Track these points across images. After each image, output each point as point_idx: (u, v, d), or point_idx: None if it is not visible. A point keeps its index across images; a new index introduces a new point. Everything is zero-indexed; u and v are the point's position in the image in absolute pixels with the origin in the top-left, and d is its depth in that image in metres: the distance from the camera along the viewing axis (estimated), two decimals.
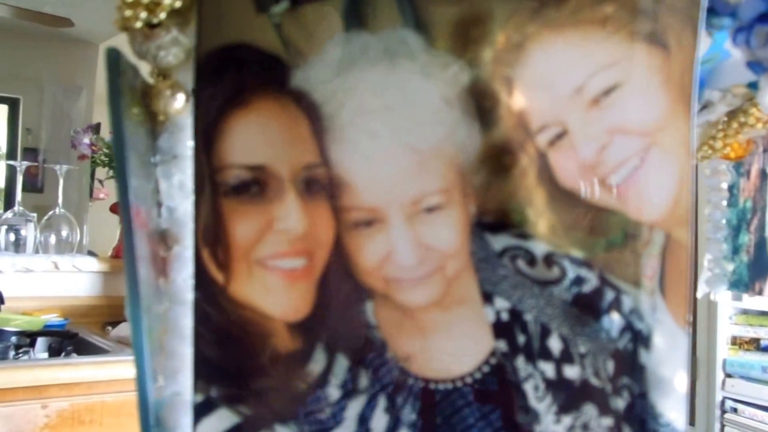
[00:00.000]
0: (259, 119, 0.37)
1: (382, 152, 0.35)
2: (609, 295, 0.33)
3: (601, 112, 0.33)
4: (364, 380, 0.36)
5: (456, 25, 0.35)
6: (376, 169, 0.36)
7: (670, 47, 0.32)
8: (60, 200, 2.28)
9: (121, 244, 0.40)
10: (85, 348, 1.86)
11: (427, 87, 0.35)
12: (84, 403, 1.56)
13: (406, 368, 0.36)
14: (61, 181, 2.26)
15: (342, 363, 0.36)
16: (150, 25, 0.42)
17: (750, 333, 2.08)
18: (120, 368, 1.61)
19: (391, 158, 0.35)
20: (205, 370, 0.37)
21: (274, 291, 0.36)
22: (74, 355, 1.82)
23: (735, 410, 2.06)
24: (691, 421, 2.20)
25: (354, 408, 0.36)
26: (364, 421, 0.36)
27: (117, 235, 2.44)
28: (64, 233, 2.31)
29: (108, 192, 2.72)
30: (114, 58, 0.41)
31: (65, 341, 1.87)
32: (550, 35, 0.34)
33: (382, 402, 0.36)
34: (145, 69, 0.43)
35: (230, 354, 0.37)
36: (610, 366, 0.33)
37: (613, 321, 0.33)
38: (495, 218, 0.35)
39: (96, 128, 2.79)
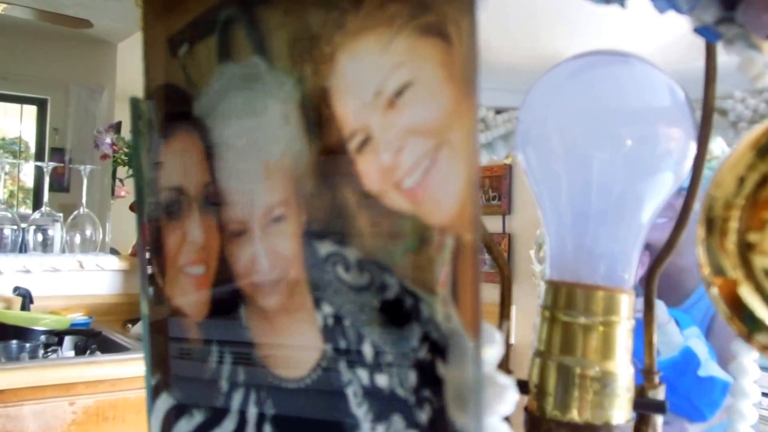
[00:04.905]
0: (177, 147, 0.43)
1: (246, 170, 0.39)
2: (408, 303, 0.32)
3: (396, 115, 0.32)
4: (241, 375, 0.40)
5: (287, 45, 0.37)
6: (243, 185, 0.39)
7: (451, 38, 0.30)
8: (84, 200, 2.32)
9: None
10: (107, 345, 1.89)
11: (271, 106, 0.38)
12: (108, 399, 1.61)
13: (266, 366, 0.39)
14: (85, 182, 2.30)
15: (228, 359, 0.40)
16: None
17: None
18: (141, 365, 1.64)
19: (251, 175, 0.39)
20: (154, 358, 0.45)
21: (188, 294, 0.43)
22: (98, 352, 1.86)
23: None
24: None
25: (236, 399, 0.40)
26: (243, 411, 0.40)
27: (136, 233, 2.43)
28: (88, 232, 2.30)
29: (128, 190, 2.69)
30: (134, 103, 0.51)
31: (90, 339, 1.90)
32: (352, 43, 0.34)
33: (253, 395, 0.39)
34: None
35: (165, 346, 0.44)
36: (412, 377, 0.32)
37: (413, 330, 0.32)
38: (320, 226, 0.35)
39: (117, 127, 2.66)
